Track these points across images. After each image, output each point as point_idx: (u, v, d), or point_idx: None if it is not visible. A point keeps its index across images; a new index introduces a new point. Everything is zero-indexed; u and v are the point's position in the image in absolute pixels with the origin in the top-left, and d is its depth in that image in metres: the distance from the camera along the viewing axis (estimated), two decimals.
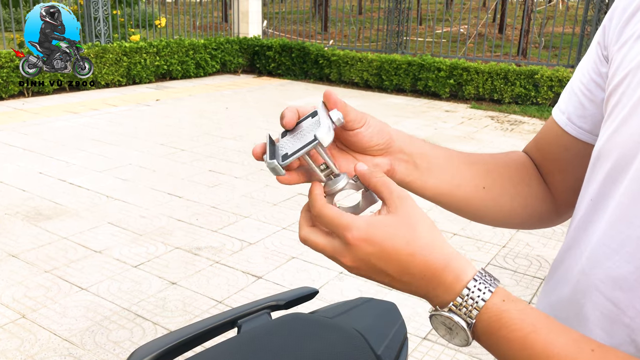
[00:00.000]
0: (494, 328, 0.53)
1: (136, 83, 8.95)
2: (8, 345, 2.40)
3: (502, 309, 0.52)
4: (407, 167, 0.71)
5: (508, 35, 12.73)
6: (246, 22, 11.05)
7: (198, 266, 3.16)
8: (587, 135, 0.72)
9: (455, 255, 0.55)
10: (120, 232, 3.56)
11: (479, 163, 0.77)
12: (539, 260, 3.39)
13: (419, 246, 0.54)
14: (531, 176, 0.80)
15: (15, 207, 3.89)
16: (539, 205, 0.80)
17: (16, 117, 6.52)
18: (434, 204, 0.79)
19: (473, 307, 0.53)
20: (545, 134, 0.80)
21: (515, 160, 0.81)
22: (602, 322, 0.58)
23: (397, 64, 9.02)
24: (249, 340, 0.97)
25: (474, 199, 0.76)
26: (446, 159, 0.74)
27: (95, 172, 4.72)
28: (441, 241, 0.55)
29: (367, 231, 0.54)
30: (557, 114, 0.76)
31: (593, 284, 0.59)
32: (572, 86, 0.74)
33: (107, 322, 2.60)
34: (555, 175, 0.79)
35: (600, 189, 0.62)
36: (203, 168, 4.94)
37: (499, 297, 0.53)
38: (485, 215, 0.79)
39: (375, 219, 0.55)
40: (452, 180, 0.74)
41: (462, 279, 0.54)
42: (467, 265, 0.55)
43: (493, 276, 0.55)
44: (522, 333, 0.51)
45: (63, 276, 2.98)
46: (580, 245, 0.64)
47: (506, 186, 0.78)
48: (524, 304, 0.54)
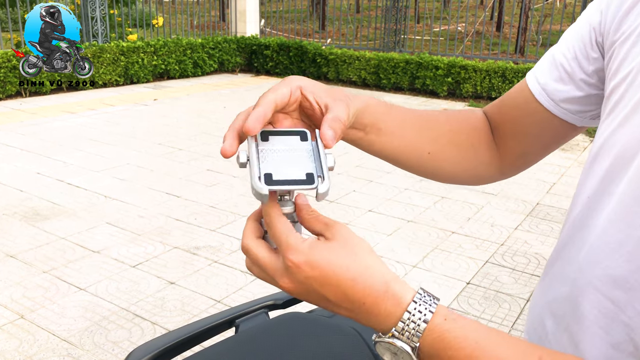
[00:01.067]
0: (438, 349, 0.52)
1: (134, 83, 8.94)
2: (7, 346, 2.40)
3: (444, 329, 0.51)
4: (356, 133, 0.72)
5: (505, 33, 12.73)
6: (244, 21, 11.04)
7: (196, 266, 3.15)
8: (556, 107, 0.73)
9: (394, 278, 0.54)
10: (118, 232, 3.55)
11: (431, 129, 0.79)
12: (537, 258, 3.40)
13: (359, 272, 0.53)
14: (481, 141, 0.81)
15: (13, 208, 3.88)
16: (482, 169, 0.83)
17: (14, 118, 6.51)
18: (434, 205, 0.79)
19: (416, 331, 0.51)
20: (513, 97, 0.80)
21: (470, 124, 0.82)
22: (600, 320, 0.57)
23: (395, 62, 9.02)
24: (247, 339, 0.97)
25: (417, 163, 0.79)
26: (398, 124, 0.75)
27: (93, 172, 4.71)
28: (380, 265, 0.54)
29: (308, 255, 0.53)
30: (532, 82, 0.76)
31: (591, 282, 0.58)
32: (554, 57, 0.74)
33: (106, 322, 2.60)
34: (509, 139, 0.81)
35: (599, 186, 0.61)
36: (201, 167, 4.93)
37: (440, 316, 0.52)
38: (425, 174, 0.82)
39: (317, 243, 0.54)
40: (399, 145, 0.76)
41: (402, 302, 0.52)
42: (406, 289, 0.53)
43: (432, 295, 0.54)
44: (466, 352, 0.51)
45: (61, 276, 2.98)
46: (576, 243, 0.63)
47: (452, 152, 0.80)
48: (466, 320, 0.53)
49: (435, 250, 3.45)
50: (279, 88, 0.61)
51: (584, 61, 0.69)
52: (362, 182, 4.70)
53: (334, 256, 0.53)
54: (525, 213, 4.14)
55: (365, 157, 5.37)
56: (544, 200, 4.42)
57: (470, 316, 2.73)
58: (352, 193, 4.44)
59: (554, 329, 0.65)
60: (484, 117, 0.84)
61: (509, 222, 3.95)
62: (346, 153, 5.43)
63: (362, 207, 4.14)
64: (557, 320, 0.64)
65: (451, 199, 4.35)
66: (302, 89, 0.63)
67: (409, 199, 4.32)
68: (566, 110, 0.73)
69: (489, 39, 13.22)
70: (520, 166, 0.84)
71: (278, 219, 0.55)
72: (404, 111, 0.77)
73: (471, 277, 3.13)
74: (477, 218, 4.00)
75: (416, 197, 4.36)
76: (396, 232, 3.70)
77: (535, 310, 0.71)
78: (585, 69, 0.69)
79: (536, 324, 0.69)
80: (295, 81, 0.63)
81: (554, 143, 0.80)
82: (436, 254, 3.40)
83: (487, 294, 2.96)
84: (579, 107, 0.72)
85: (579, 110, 0.73)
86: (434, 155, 0.79)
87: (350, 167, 5.05)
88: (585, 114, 0.73)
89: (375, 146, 0.74)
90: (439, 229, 3.78)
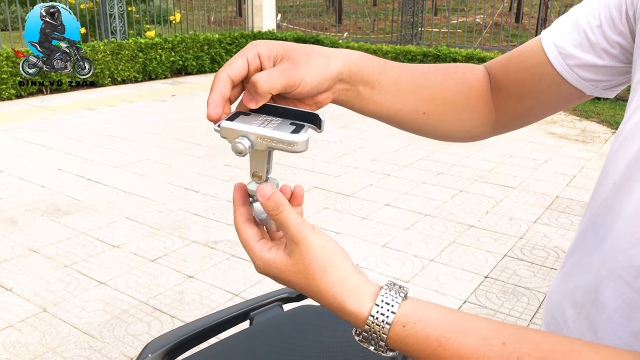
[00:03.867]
0: (405, 350, 0.54)
1: (152, 79, 9.02)
2: (30, 338, 2.45)
3: (403, 336, 0.53)
4: (348, 95, 0.68)
5: (525, 24, 12.56)
6: (260, 16, 11.05)
7: (214, 260, 3.18)
8: (570, 73, 0.70)
9: (348, 297, 0.56)
10: (137, 227, 3.60)
11: (427, 87, 0.75)
12: (557, 251, 3.36)
13: (314, 291, 0.57)
14: (478, 101, 0.79)
15: (35, 204, 3.95)
16: (476, 128, 0.80)
17: (35, 114, 6.61)
18: (452, 199, 0.79)
19: (379, 339, 0.54)
20: (523, 57, 0.76)
21: (467, 83, 0.79)
22: (624, 310, 0.56)
23: (412, 55, 8.96)
24: (261, 332, 0.98)
25: (412, 122, 0.76)
26: (392, 83, 0.71)
27: (113, 167, 4.77)
28: (335, 282, 0.56)
29: (265, 270, 0.59)
30: (548, 44, 0.72)
31: (614, 271, 0.57)
32: (577, 21, 0.70)
33: (126, 315, 2.63)
34: (511, 100, 0.78)
35: (625, 173, 0.59)
36: (219, 162, 4.97)
37: (399, 325, 0.54)
38: (418, 133, 0.80)
39: (272, 261, 0.59)
40: (393, 105, 0.72)
41: (360, 318, 0.55)
42: (363, 303, 0.55)
43: (390, 302, 0.55)
44: (429, 351, 0.53)
45: (82, 270, 3.03)
46: (599, 231, 0.62)
47: (447, 112, 0.77)
48: (427, 319, 0.54)
49: (453, 244, 3.43)
50: (234, 61, 0.59)
51: (609, 32, 0.66)
52: (379, 176, 4.68)
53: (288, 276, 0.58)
54: (545, 206, 4.09)
55: (381, 151, 5.35)
56: (564, 193, 4.37)
57: (488, 310, 2.71)
58: (368, 187, 4.43)
59: (574, 317, 0.64)
60: (483, 75, 0.80)
61: (528, 215, 3.92)
62: (361, 147, 5.42)
63: (378, 200, 4.13)
64: (577, 309, 0.63)
65: (469, 192, 4.31)
66: (260, 55, 0.59)
67: (427, 192, 4.30)
68: (580, 77, 0.70)
69: (508, 30, 13.05)
70: (516, 126, 0.82)
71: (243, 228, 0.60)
72: (399, 68, 0.73)
73: (489, 270, 3.11)
74: (495, 211, 3.97)
75: (434, 190, 4.34)
76: (413, 226, 3.69)
77: (554, 298, 0.70)
78: (610, 39, 0.66)
79: (555, 312, 0.68)
80: (254, 48, 0.60)
81: (556, 108, 0.77)
82: (454, 248, 3.38)
83: (506, 287, 2.94)
84: (595, 75, 0.69)
85: (593, 79, 0.70)
86: (429, 115, 0.76)
87: (367, 161, 5.04)
88: (599, 84, 0.70)
89: (369, 106, 0.70)
90: (457, 222, 3.76)
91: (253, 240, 0.60)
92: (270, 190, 0.57)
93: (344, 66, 0.63)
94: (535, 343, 0.50)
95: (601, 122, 6.79)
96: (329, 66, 0.61)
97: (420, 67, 0.77)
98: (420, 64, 0.79)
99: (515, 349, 0.50)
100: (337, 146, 5.47)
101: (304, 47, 0.61)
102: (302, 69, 0.59)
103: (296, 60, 0.59)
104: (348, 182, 4.52)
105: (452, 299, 2.81)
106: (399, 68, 0.73)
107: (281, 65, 0.59)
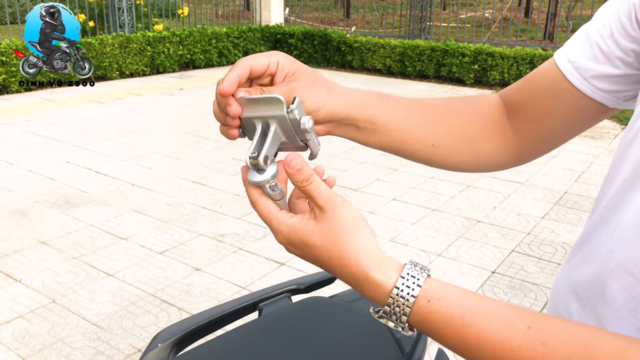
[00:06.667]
0: (426, 328, 0.54)
1: (160, 72, 9.04)
2: (39, 329, 2.47)
3: (427, 311, 0.53)
4: (347, 130, 0.70)
5: (534, 19, 12.48)
6: (268, 10, 11.04)
7: (222, 253, 3.19)
8: (588, 86, 0.70)
9: (375, 266, 0.56)
10: (145, 220, 3.61)
11: (434, 121, 0.76)
12: (564, 247, 3.35)
13: (338, 257, 0.56)
14: (493, 130, 0.78)
15: (44, 196, 3.98)
16: (494, 157, 0.80)
17: (44, 107, 6.65)
18: (459, 194, 0.79)
19: (401, 314, 0.54)
20: (538, 77, 0.76)
21: (478, 112, 0.79)
22: (630, 303, 0.56)
23: (421, 49, 8.92)
24: (270, 323, 0.98)
25: (421, 154, 0.77)
26: (395, 119, 0.73)
27: (121, 160, 4.79)
28: (361, 249, 0.56)
29: (288, 238, 0.58)
30: (561, 61, 0.72)
31: (622, 264, 0.57)
32: (588, 35, 0.69)
33: (134, 307, 2.65)
34: (532, 122, 0.77)
35: (635, 168, 0.59)
36: (226, 156, 4.98)
37: (424, 299, 0.54)
38: (431, 165, 0.80)
39: (298, 225, 0.58)
40: (397, 139, 0.74)
41: (384, 289, 0.55)
42: (389, 275, 0.55)
43: (420, 271, 0.55)
44: (452, 329, 0.52)
45: (90, 262, 3.05)
46: (608, 225, 0.62)
47: (457, 142, 0.77)
48: (452, 297, 0.54)
49: (460, 239, 3.43)
50: (259, 57, 0.62)
51: (622, 39, 0.66)
52: (386, 171, 4.68)
53: (313, 241, 0.57)
54: (553, 202, 4.08)
55: None
56: (572, 189, 4.35)
57: None
58: (376, 182, 4.43)
59: (580, 311, 0.64)
60: (497, 103, 0.80)
61: (535, 211, 3.90)
62: None
63: (386, 195, 4.13)
64: (582, 303, 0.64)
65: (477, 187, 4.30)
66: (279, 64, 0.63)
67: (434, 187, 4.29)
68: (599, 88, 0.69)
69: (517, 25, 12.97)
70: (539, 151, 0.81)
71: (261, 201, 0.59)
72: (401, 103, 0.74)
73: (496, 266, 3.11)
74: (503, 207, 3.96)
75: (441, 185, 4.33)
76: (420, 221, 3.68)
77: (559, 292, 0.70)
78: (623, 47, 0.66)
79: (559, 306, 0.68)
80: (276, 56, 0.64)
81: (578, 126, 0.76)
82: (461, 243, 3.38)
83: (513, 283, 2.93)
84: (613, 86, 0.69)
85: (612, 90, 0.69)
86: (438, 147, 0.76)
87: (374, 156, 5.03)
88: (619, 94, 0.69)
89: (371, 141, 0.72)
90: (464, 217, 3.75)
91: (274, 211, 0.59)
92: (301, 163, 0.57)
93: (342, 105, 0.67)
94: (559, 328, 0.50)
95: (610, 118, 6.74)
96: (329, 100, 0.66)
97: (425, 99, 0.78)
98: (432, 98, 0.80)
99: (540, 333, 0.50)
100: (344, 140, 5.44)
101: (314, 75, 0.66)
102: (304, 93, 0.64)
103: (303, 83, 0.64)
104: (355, 177, 4.52)
105: None
106: (400, 102, 0.75)
107: (289, 85, 0.63)
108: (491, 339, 0.51)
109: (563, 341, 0.49)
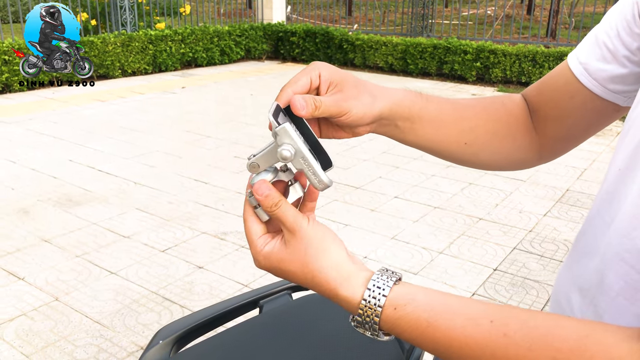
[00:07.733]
0: (398, 333, 0.57)
1: (162, 71, 9.04)
2: (42, 327, 2.48)
3: (395, 318, 0.56)
4: (387, 129, 0.73)
5: (537, 16, 12.45)
6: (270, 8, 11.03)
7: (224, 250, 3.20)
8: (598, 87, 0.72)
9: (341, 283, 0.58)
10: (147, 218, 3.62)
11: (467, 119, 0.79)
12: (566, 244, 3.34)
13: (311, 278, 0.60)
14: (519, 128, 0.81)
15: (47, 194, 3.99)
16: (521, 155, 0.82)
17: (46, 106, 6.66)
18: (461, 192, 0.80)
19: (372, 322, 0.57)
20: (553, 79, 0.79)
21: (507, 111, 0.82)
22: (626, 292, 0.57)
23: (423, 47, 8.91)
24: (270, 320, 0.99)
25: (454, 152, 0.79)
26: (433, 117, 0.76)
27: (123, 159, 4.80)
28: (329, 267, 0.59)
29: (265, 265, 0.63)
30: (573, 62, 0.74)
31: (618, 253, 0.58)
32: (596, 36, 0.72)
33: (136, 305, 2.66)
34: (550, 122, 0.79)
35: (630, 158, 0.60)
36: (228, 154, 4.98)
37: (390, 308, 0.56)
38: (462, 163, 0.83)
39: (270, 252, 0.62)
40: (434, 137, 0.76)
41: (353, 304, 0.58)
42: (355, 290, 0.58)
43: (382, 285, 0.57)
44: (419, 332, 0.55)
45: (93, 260, 3.06)
46: (605, 216, 0.63)
47: (489, 141, 0.80)
48: (416, 302, 0.56)
49: (462, 237, 3.43)
50: (300, 79, 0.64)
51: (627, 38, 0.67)
52: (388, 168, 4.68)
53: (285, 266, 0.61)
54: (555, 199, 4.07)
55: (391, 143, 5.33)
56: (574, 187, 4.35)
57: (497, 302, 2.71)
58: (378, 179, 4.43)
59: (580, 302, 0.65)
60: (521, 102, 0.82)
61: (537, 208, 3.90)
62: (372, 139, 5.41)
63: (388, 193, 4.13)
64: (583, 294, 0.64)
65: (479, 185, 4.30)
66: (321, 77, 0.65)
67: (436, 185, 4.29)
68: (609, 89, 0.71)
69: (519, 22, 12.94)
70: (560, 150, 0.83)
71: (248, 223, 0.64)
72: (440, 103, 0.77)
73: (498, 263, 3.11)
74: (505, 204, 3.96)
75: (443, 183, 4.33)
76: (422, 219, 3.68)
77: (561, 286, 0.71)
78: (629, 45, 0.68)
79: (561, 300, 0.69)
80: (317, 69, 0.65)
81: (596, 125, 0.78)
82: (463, 241, 3.38)
83: (515, 280, 2.93)
84: (622, 86, 0.71)
85: (622, 90, 0.71)
86: (471, 145, 0.79)
87: (377, 154, 5.03)
88: (629, 94, 0.71)
89: (409, 138, 0.75)
90: (466, 215, 3.75)
91: (256, 235, 0.63)
92: (267, 189, 0.61)
93: (385, 106, 0.70)
94: (522, 320, 0.52)
95: None
96: (374, 105, 0.68)
97: (460, 99, 0.81)
98: (462, 98, 0.83)
99: (502, 326, 0.52)
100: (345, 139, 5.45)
101: (357, 82, 0.68)
102: (350, 102, 0.65)
103: (348, 92, 0.66)
104: (357, 174, 4.52)
105: (461, 292, 2.82)
106: (439, 102, 0.77)
107: (336, 96, 0.65)
108: (456, 337, 0.53)
109: (525, 332, 0.50)
